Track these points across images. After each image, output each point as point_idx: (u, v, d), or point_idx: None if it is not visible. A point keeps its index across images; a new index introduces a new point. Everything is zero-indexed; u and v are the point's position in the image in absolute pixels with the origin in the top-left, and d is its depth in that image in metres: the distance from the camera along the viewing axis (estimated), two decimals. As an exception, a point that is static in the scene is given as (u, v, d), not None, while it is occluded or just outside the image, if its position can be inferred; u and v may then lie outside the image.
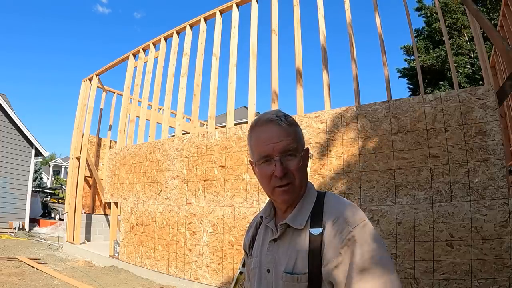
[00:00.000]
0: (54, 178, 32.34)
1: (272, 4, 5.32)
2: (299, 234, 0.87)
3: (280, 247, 0.90)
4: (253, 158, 0.93)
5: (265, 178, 0.89)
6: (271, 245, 0.93)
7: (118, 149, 7.20)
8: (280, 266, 0.87)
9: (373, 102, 4.04)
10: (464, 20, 13.89)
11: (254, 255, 0.99)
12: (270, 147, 0.87)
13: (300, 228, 0.87)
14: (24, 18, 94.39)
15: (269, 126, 0.89)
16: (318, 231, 0.84)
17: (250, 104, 5.27)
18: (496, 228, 3.14)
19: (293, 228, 0.88)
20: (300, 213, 0.89)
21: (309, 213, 0.88)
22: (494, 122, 3.30)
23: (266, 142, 0.88)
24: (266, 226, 0.98)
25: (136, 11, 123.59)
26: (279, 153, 0.86)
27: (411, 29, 4.53)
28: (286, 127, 0.89)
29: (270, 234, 0.95)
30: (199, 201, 5.30)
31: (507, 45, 3.43)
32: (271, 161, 0.87)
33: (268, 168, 0.87)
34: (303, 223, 0.87)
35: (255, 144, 0.91)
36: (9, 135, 11.66)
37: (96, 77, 8.69)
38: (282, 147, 0.87)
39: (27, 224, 11.63)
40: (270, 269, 0.90)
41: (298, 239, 0.86)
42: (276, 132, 0.88)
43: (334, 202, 0.89)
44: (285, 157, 0.87)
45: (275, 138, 0.87)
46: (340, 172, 4.07)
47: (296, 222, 0.88)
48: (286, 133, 0.88)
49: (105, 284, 5.26)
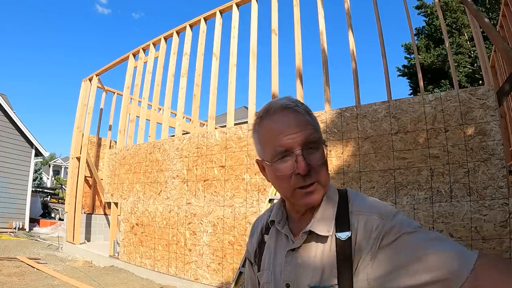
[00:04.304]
0: (54, 178, 32.33)
1: (272, 4, 5.31)
2: (324, 241, 0.73)
3: (301, 258, 0.76)
4: (265, 156, 0.76)
5: (283, 178, 0.73)
6: (289, 255, 0.77)
7: (118, 149, 7.20)
8: (304, 280, 0.73)
9: (373, 102, 4.04)
10: (464, 19, 13.88)
11: (266, 267, 0.84)
12: (289, 139, 0.71)
13: (328, 234, 0.73)
14: (24, 17, 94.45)
15: (284, 114, 0.73)
16: (346, 235, 0.70)
17: (250, 104, 5.27)
18: (496, 228, 3.14)
19: (316, 234, 0.74)
20: (325, 216, 0.75)
21: (334, 216, 0.74)
22: (494, 122, 3.30)
23: (284, 133, 0.71)
24: (277, 233, 0.84)
25: (135, 12, 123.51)
26: (300, 145, 0.71)
27: (411, 28, 4.53)
28: (305, 114, 0.74)
29: (285, 242, 0.80)
30: (199, 201, 5.30)
31: (507, 45, 3.43)
32: (290, 157, 0.71)
33: (287, 166, 0.72)
34: (330, 229, 0.73)
35: (267, 138, 0.75)
36: (9, 135, 11.65)
37: (96, 77, 8.69)
38: (304, 138, 0.71)
39: (27, 224, 11.63)
40: (290, 283, 0.76)
41: (323, 247, 0.73)
42: (294, 121, 0.72)
43: (360, 200, 0.76)
44: (307, 151, 0.71)
45: (294, 128, 0.71)
46: (340, 172, 4.07)
47: (322, 227, 0.73)
48: (306, 121, 0.73)
49: (105, 284, 5.26)
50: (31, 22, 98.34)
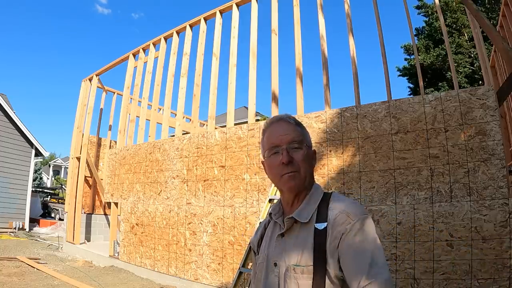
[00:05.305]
0: (54, 178, 32.32)
1: (272, 4, 5.31)
2: (306, 229, 0.93)
3: (287, 241, 0.96)
4: (264, 154, 1.02)
5: (273, 168, 0.97)
6: (278, 239, 0.98)
7: (118, 149, 7.20)
8: (287, 260, 0.92)
9: (373, 102, 4.04)
10: (464, 19, 13.87)
11: (262, 250, 1.05)
12: (279, 138, 0.97)
13: (306, 221, 0.93)
14: (24, 17, 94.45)
15: (279, 123, 1.01)
16: (323, 226, 0.90)
17: (250, 104, 5.27)
18: (496, 228, 3.14)
19: (300, 223, 0.94)
20: (306, 208, 0.95)
21: (314, 209, 0.95)
22: (494, 122, 3.30)
23: (276, 135, 0.99)
24: (274, 223, 1.05)
25: (134, 12, 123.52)
26: (286, 143, 0.96)
27: (411, 29, 4.53)
28: (294, 125, 1.01)
29: (278, 229, 1.01)
30: (199, 201, 5.30)
31: (507, 45, 3.43)
32: (279, 152, 0.96)
33: (276, 159, 0.96)
34: (308, 217, 0.93)
35: (266, 140, 1.01)
36: (9, 135, 11.65)
37: (96, 77, 8.69)
38: (291, 138, 0.97)
39: (27, 224, 11.62)
40: (277, 262, 0.95)
41: (304, 234, 0.92)
42: (285, 127, 0.99)
43: (339, 200, 0.96)
44: (292, 148, 0.96)
45: (283, 131, 0.98)
46: (340, 172, 4.07)
47: (302, 216, 0.94)
48: (293, 128, 0.99)
49: (105, 284, 5.26)
50: (31, 22, 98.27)
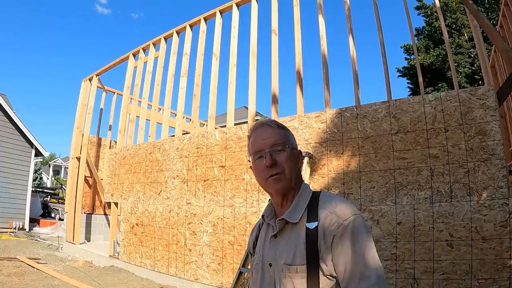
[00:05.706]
0: (54, 178, 32.32)
1: (272, 4, 5.31)
2: (297, 229, 0.95)
3: (280, 242, 0.98)
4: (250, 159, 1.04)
5: (259, 171, 1.00)
6: (272, 240, 1.01)
7: (118, 149, 7.20)
8: (281, 259, 0.95)
9: (373, 102, 4.04)
10: (464, 19, 13.87)
11: (257, 251, 1.07)
12: (262, 143, 1.00)
13: (296, 222, 0.95)
14: (24, 17, 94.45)
15: (262, 128, 1.04)
16: (314, 225, 0.92)
17: (250, 104, 5.27)
18: (496, 228, 3.14)
19: (291, 223, 0.96)
20: (296, 209, 0.97)
21: (303, 209, 0.97)
22: (494, 122, 3.31)
23: (259, 140, 1.01)
24: (267, 224, 1.07)
25: (134, 12, 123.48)
26: (268, 146, 0.99)
27: (411, 29, 4.53)
28: (276, 128, 1.03)
29: (271, 231, 1.03)
30: (199, 201, 5.30)
31: (507, 45, 3.43)
32: (263, 156, 0.98)
33: (261, 163, 0.99)
34: (298, 217, 0.95)
35: (251, 145, 1.04)
36: (9, 135, 11.65)
37: (96, 77, 8.69)
38: (273, 142, 0.99)
39: (27, 224, 11.63)
40: (272, 262, 0.98)
41: (296, 233, 0.94)
42: (268, 131, 1.02)
43: (328, 199, 0.98)
44: (275, 151, 0.98)
45: (266, 136, 1.01)
46: (340, 172, 4.07)
47: (293, 217, 0.96)
48: (275, 132, 1.02)
49: (105, 284, 5.26)
50: (31, 22, 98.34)
